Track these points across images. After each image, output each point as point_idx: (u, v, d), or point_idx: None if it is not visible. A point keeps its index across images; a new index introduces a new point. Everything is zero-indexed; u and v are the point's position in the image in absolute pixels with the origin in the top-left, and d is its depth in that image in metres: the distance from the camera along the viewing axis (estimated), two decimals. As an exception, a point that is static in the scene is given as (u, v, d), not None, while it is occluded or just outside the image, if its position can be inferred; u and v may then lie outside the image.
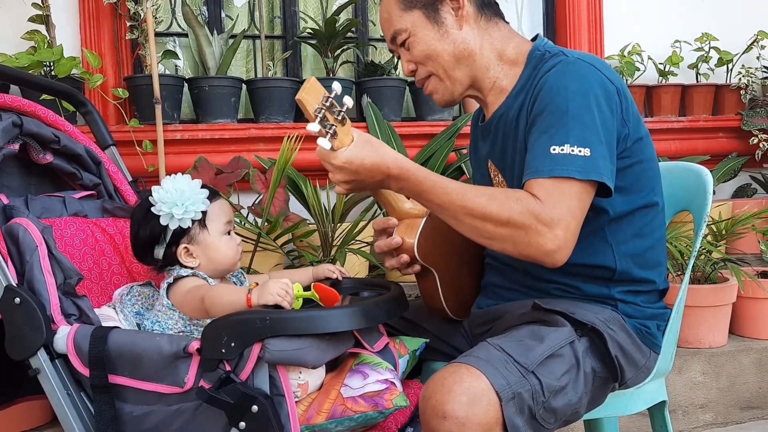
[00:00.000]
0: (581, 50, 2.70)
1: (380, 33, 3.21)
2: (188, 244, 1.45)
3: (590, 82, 1.28)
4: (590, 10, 3.24)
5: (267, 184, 2.40)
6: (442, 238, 1.39)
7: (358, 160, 1.24)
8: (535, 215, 1.20)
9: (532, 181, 1.24)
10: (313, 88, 1.19)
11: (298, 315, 1.19)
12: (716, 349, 2.46)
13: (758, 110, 3.21)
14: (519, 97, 1.39)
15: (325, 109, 1.19)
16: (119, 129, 2.53)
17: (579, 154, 1.23)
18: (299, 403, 1.22)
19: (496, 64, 1.43)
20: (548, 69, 1.32)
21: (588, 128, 1.24)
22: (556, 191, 1.22)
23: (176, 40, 2.98)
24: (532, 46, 1.43)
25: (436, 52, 1.40)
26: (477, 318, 1.50)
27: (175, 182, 1.44)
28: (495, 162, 1.46)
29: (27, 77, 1.83)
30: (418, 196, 1.29)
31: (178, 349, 1.21)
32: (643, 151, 1.37)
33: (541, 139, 1.26)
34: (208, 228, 1.46)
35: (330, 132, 1.20)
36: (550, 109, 1.27)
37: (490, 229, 1.24)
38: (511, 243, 1.23)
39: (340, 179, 1.27)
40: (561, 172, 1.22)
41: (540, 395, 1.18)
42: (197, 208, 1.43)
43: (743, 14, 3.38)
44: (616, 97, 1.31)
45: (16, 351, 1.31)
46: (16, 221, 1.38)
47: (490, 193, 1.25)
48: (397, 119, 2.92)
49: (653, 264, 1.42)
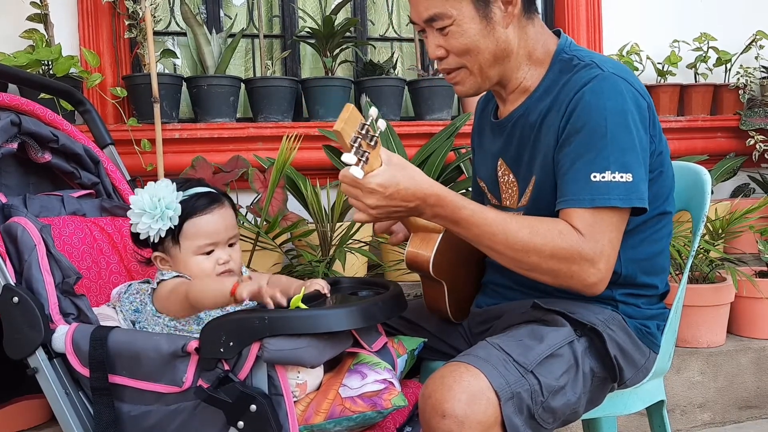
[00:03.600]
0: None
1: (379, 32, 3.21)
2: (162, 254, 1.41)
3: (626, 99, 1.25)
4: (589, 9, 3.24)
5: (266, 183, 2.40)
6: (454, 252, 1.38)
7: (394, 185, 1.17)
8: (578, 250, 1.20)
9: (573, 211, 1.23)
10: (351, 118, 1.13)
11: (296, 314, 1.19)
12: (714, 349, 2.46)
13: (756, 110, 3.21)
14: (543, 100, 1.34)
15: (361, 138, 1.13)
16: (118, 128, 2.53)
17: (621, 180, 1.21)
18: (298, 403, 1.22)
19: (525, 65, 1.37)
20: (583, 83, 1.27)
21: (628, 151, 1.22)
22: (598, 223, 1.21)
23: (175, 39, 2.97)
24: (557, 46, 1.38)
25: (478, 48, 1.32)
26: (476, 317, 1.50)
27: (154, 189, 1.36)
28: (507, 161, 1.42)
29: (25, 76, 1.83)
30: (453, 225, 1.24)
31: (176, 349, 1.20)
32: (662, 163, 1.36)
33: (580, 164, 1.23)
34: (180, 245, 1.38)
35: (363, 160, 1.13)
36: (587, 130, 1.23)
37: (531, 262, 1.23)
38: (551, 275, 1.24)
39: (372, 204, 1.18)
40: (603, 202, 1.21)
41: (539, 395, 1.19)
42: (163, 224, 1.35)
43: (742, 14, 3.38)
44: (647, 113, 1.29)
45: (15, 350, 1.31)
46: (15, 220, 1.38)
47: (531, 226, 1.22)
48: (396, 118, 2.92)
49: (658, 270, 1.41)
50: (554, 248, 1.20)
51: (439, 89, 2.91)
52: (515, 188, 1.41)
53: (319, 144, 2.70)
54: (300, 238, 2.40)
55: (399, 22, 3.25)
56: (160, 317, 1.37)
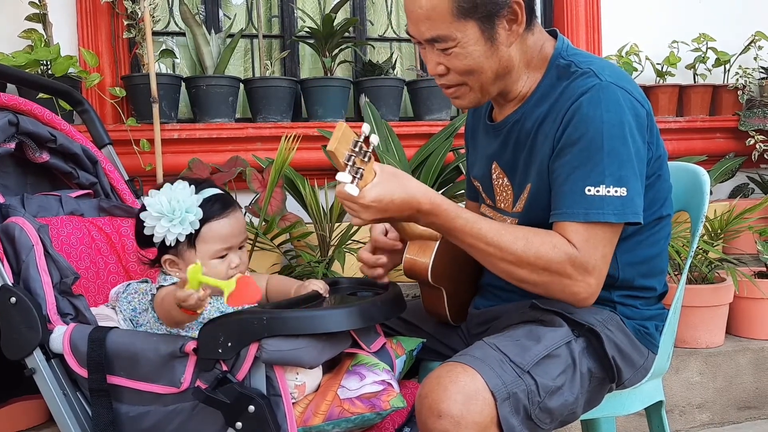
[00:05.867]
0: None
1: (378, 32, 3.21)
2: (174, 257, 1.37)
3: (624, 110, 1.24)
4: (588, 9, 3.24)
5: (264, 183, 2.40)
6: (451, 258, 1.38)
7: (388, 197, 1.18)
8: (571, 264, 1.21)
9: (567, 225, 1.23)
10: (344, 136, 1.13)
11: (295, 315, 1.18)
12: (713, 349, 2.46)
13: (755, 111, 3.21)
14: (539, 106, 1.33)
15: (355, 155, 1.13)
16: (116, 128, 2.53)
17: (615, 194, 1.21)
18: (296, 404, 1.21)
19: (524, 73, 1.35)
20: (581, 93, 1.25)
21: (624, 164, 1.22)
22: (592, 237, 1.22)
23: (174, 39, 2.97)
24: (553, 50, 1.35)
25: (482, 69, 1.29)
26: (474, 318, 1.50)
27: (172, 193, 1.33)
28: (502, 165, 1.42)
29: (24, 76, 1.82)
30: (447, 233, 1.25)
31: (174, 349, 1.20)
32: (660, 167, 1.36)
33: (575, 176, 1.23)
34: (197, 248, 1.35)
35: (358, 177, 1.14)
36: (584, 142, 1.23)
37: (524, 274, 1.24)
38: (543, 288, 1.25)
39: (368, 217, 1.19)
40: (597, 217, 1.21)
41: (535, 395, 1.18)
42: (183, 229, 1.32)
43: (741, 15, 3.38)
44: (645, 121, 1.29)
45: (12, 350, 1.31)
46: (12, 220, 1.38)
47: (525, 238, 1.23)
48: (395, 119, 2.92)
49: (656, 272, 1.41)
50: (548, 262, 1.21)
51: (438, 90, 2.90)
52: (510, 192, 1.40)
53: (318, 144, 2.70)
54: (299, 238, 2.40)
55: (398, 23, 3.25)
56: (162, 324, 1.37)
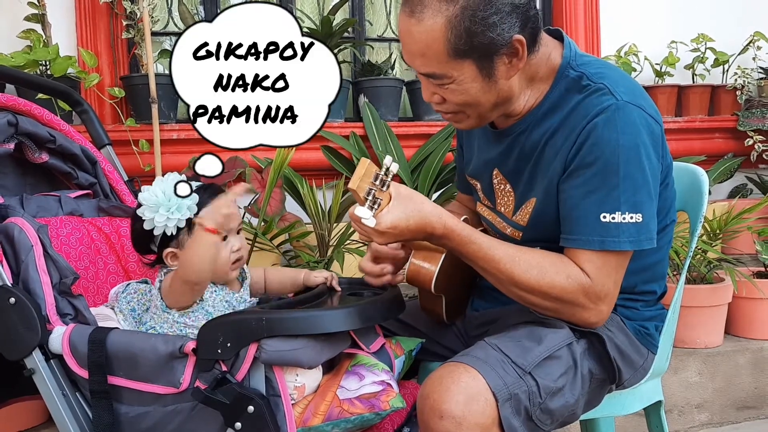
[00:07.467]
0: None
1: (377, 33, 3.21)
2: (176, 249, 1.36)
3: (640, 131, 1.21)
4: (587, 10, 3.24)
5: (263, 183, 2.39)
6: (454, 269, 1.38)
7: (403, 224, 1.18)
8: (584, 294, 1.22)
9: (581, 253, 1.23)
10: (367, 172, 1.13)
11: (294, 315, 1.18)
12: (712, 350, 2.46)
13: (754, 111, 3.21)
14: (549, 118, 1.29)
15: (375, 189, 1.13)
16: (115, 128, 2.53)
17: (631, 221, 1.20)
18: (296, 405, 1.21)
19: (526, 90, 1.31)
20: (596, 113, 1.21)
21: (639, 189, 1.21)
22: (605, 265, 1.22)
23: (173, 39, 2.97)
24: (561, 59, 1.30)
25: (479, 102, 1.26)
26: (473, 320, 1.50)
27: (164, 184, 1.34)
28: (504, 173, 1.39)
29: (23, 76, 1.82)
30: (460, 255, 1.26)
31: (173, 350, 1.20)
32: (667, 175, 1.35)
33: (589, 201, 1.21)
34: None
35: (376, 207, 1.15)
36: (599, 166, 1.20)
37: (535, 300, 1.25)
38: (554, 313, 1.27)
39: (383, 242, 1.21)
40: (613, 246, 1.21)
41: (536, 396, 1.19)
42: (182, 215, 1.32)
43: (739, 15, 3.39)
44: (660, 138, 1.27)
45: (11, 351, 1.31)
46: (12, 221, 1.37)
47: (539, 266, 1.23)
48: (394, 119, 2.92)
49: (658, 277, 1.41)
50: (561, 291, 1.22)
51: (437, 90, 2.91)
52: (511, 198, 1.39)
53: (317, 144, 2.70)
54: (298, 238, 2.40)
55: (397, 23, 3.25)
56: (169, 313, 1.34)
